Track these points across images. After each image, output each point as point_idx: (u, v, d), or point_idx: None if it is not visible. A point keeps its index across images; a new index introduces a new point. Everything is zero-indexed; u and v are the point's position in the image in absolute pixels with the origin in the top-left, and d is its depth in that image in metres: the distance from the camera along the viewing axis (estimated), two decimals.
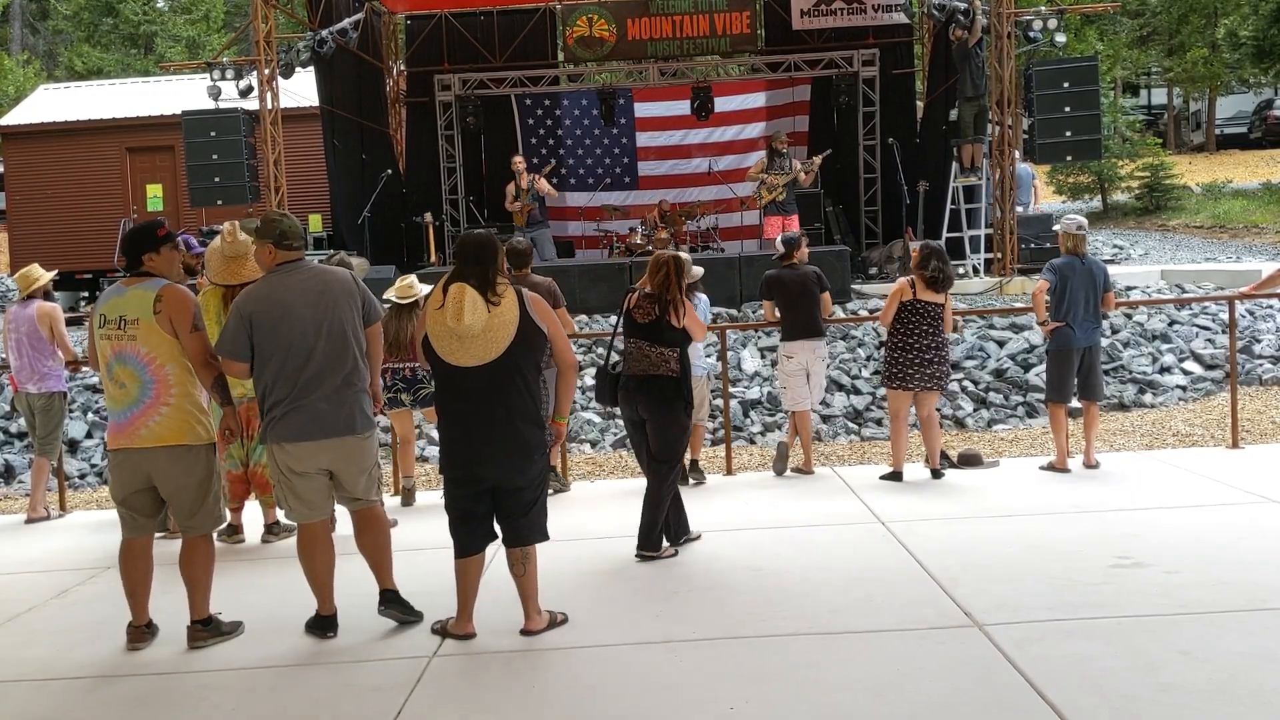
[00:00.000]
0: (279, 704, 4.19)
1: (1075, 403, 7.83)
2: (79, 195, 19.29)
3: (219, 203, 13.93)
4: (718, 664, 4.31)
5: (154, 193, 19.61)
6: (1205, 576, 5.07)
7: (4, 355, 8.08)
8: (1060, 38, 12.91)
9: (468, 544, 4.75)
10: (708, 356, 8.81)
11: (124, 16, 39.48)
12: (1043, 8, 13.08)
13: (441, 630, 4.83)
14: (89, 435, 10.71)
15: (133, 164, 19.62)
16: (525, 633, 4.74)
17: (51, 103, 20.78)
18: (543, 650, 4.58)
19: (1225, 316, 11.20)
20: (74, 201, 19.19)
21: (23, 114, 20.39)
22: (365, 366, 4.83)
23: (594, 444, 9.93)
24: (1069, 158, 13.56)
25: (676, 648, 4.50)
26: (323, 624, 4.85)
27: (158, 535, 5.08)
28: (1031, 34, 12.88)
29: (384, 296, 7.51)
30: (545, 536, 4.83)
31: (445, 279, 4.62)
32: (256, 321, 4.64)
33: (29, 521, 7.77)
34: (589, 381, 10.78)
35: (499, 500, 4.71)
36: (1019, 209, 14.50)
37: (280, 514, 6.71)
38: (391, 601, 4.92)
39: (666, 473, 5.86)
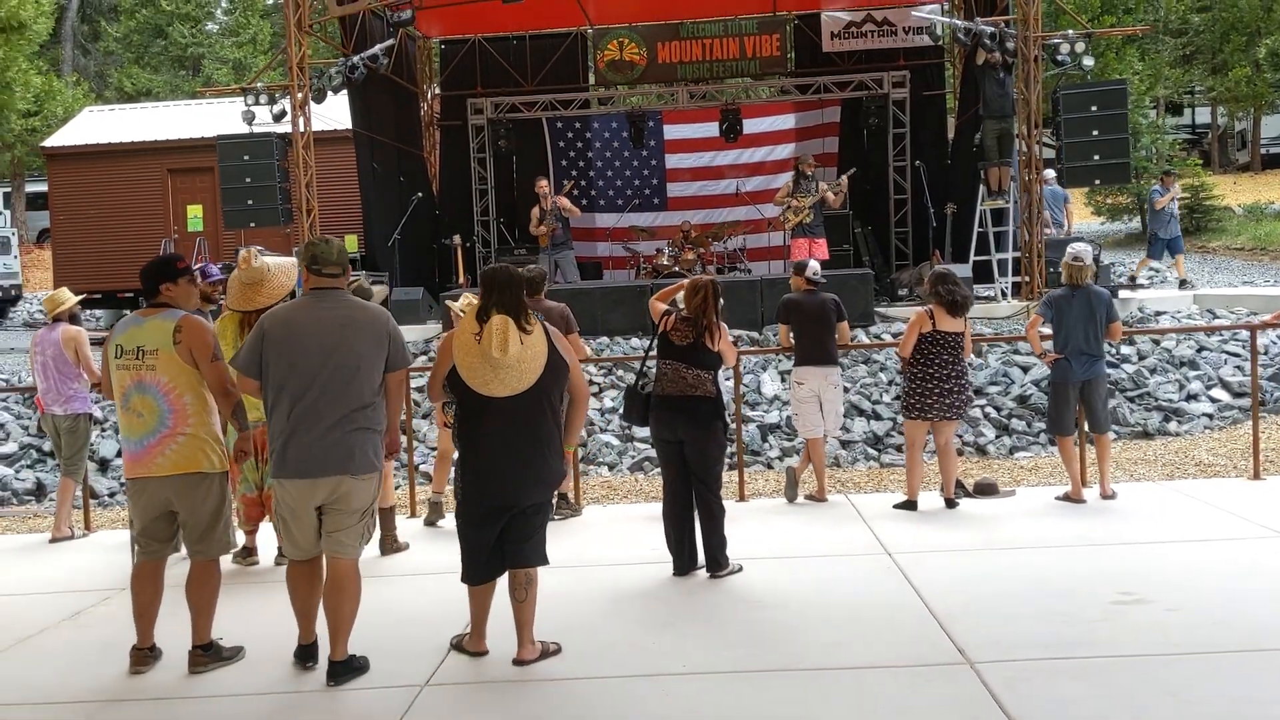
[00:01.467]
0: None
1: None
2: (121, 215, 19.63)
3: (252, 225, 14.16)
4: (703, 700, 4.33)
5: (194, 213, 19.93)
6: (1206, 615, 5.01)
7: (32, 378, 8.27)
8: (1088, 61, 12.82)
9: (482, 573, 4.84)
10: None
11: (173, 39, 40.27)
12: (1070, 31, 12.98)
13: (458, 645, 4.95)
14: (120, 454, 10.91)
15: (174, 185, 19.95)
16: (518, 662, 4.78)
17: (95, 124, 21.22)
18: (531, 681, 4.62)
19: (1257, 343, 11.05)
20: (116, 222, 19.53)
21: (67, 135, 20.83)
22: (379, 409, 4.72)
23: (611, 467, 9.96)
24: (1097, 181, 13.44)
25: (665, 682, 4.52)
26: (304, 653, 4.83)
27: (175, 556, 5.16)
28: (1059, 58, 12.79)
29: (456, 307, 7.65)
30: (545, 560, 4.93)
31: (477, 310, 4.71)
32: (269, 340, 4.65)
33: (53, 541, 7.94)
34: (608, 404, 10.85)
35: (509, 524, 4.79)
36: (1050, 231, 14.36)
37: None
38: (339, 674, 4.66)
39: (716, 491, 6.12)
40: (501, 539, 4.81)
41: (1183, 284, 15.19)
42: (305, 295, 4.83)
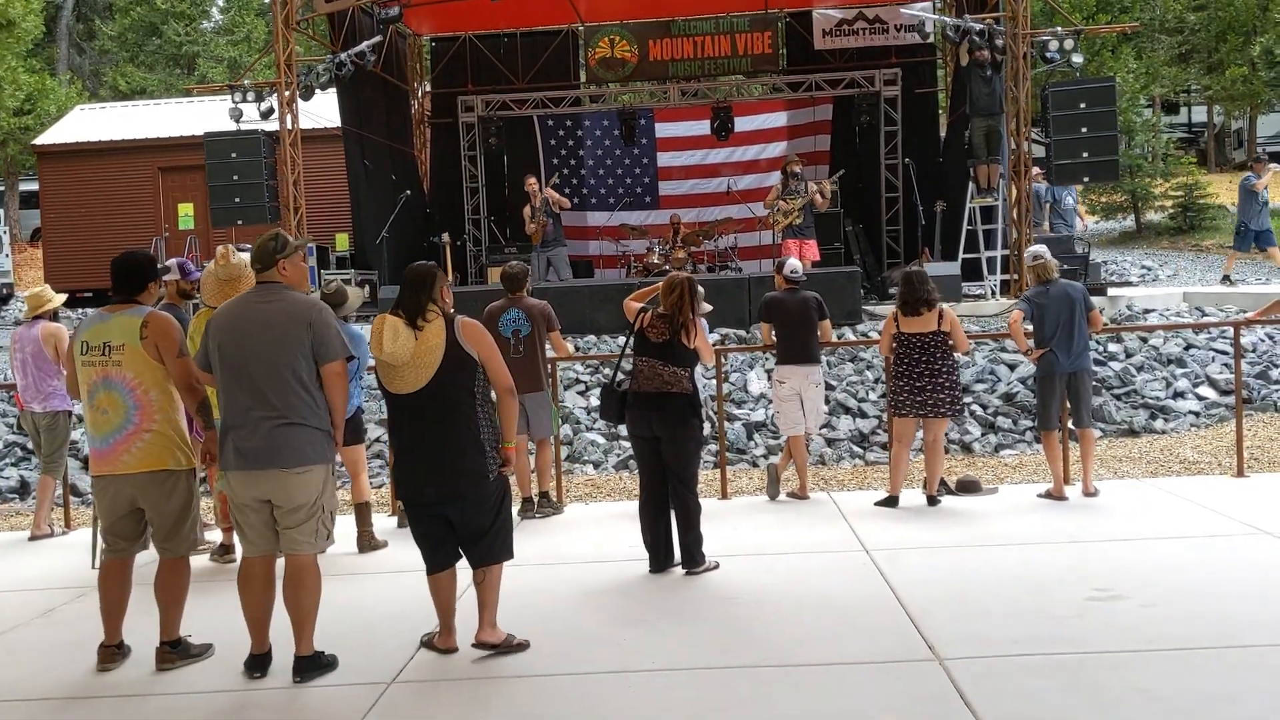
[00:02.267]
0: None
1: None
2: (112, 214, 19.63)
3: (239, 223, 14.13)
4: (669, 695, 4.30)
5: (185, 211, 19.92)
6: (1181, 610, 4.99)
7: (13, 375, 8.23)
8: (1077, 58, 12.79)
9: (432, 562, 4.88)
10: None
11: (168, 37, 40.22)
12: (1059, 28, 12.96)
13: (429, 643, 4.93)
14: None
15: (165, 183, 19.95)
16: (478, 643, 4.78)
17: (86, 122, 21.20)
18: (498, 678, 4.59)
19: (1245, 340, 11.03)
20: (107, 220, 19.53)
21: (58, 134, 20.82)
22: (314, 403, 4.63)
23: (597, 465, 9.93)
24: (1086, 179, 13.42)
25: (632, 678, 4.49)
26: (253, 663, 4.71)
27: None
28: (1048, 55, 12.77)
29: None
30: (509, 555, 4.91)
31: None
32: (213, 334, 4.66)
33: (33, 539, 7.91)
34: (594, 402, 10.81)
35: (456, 524, 4.79)
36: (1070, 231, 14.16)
37: None
38: (305, 669, 4.63)
39: (692, 488, 6.11)
40: (457, 534, 4.82)
41: None
42: (249, 290, 4.82)
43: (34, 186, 25.34)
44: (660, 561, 6.09)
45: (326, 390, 4.71)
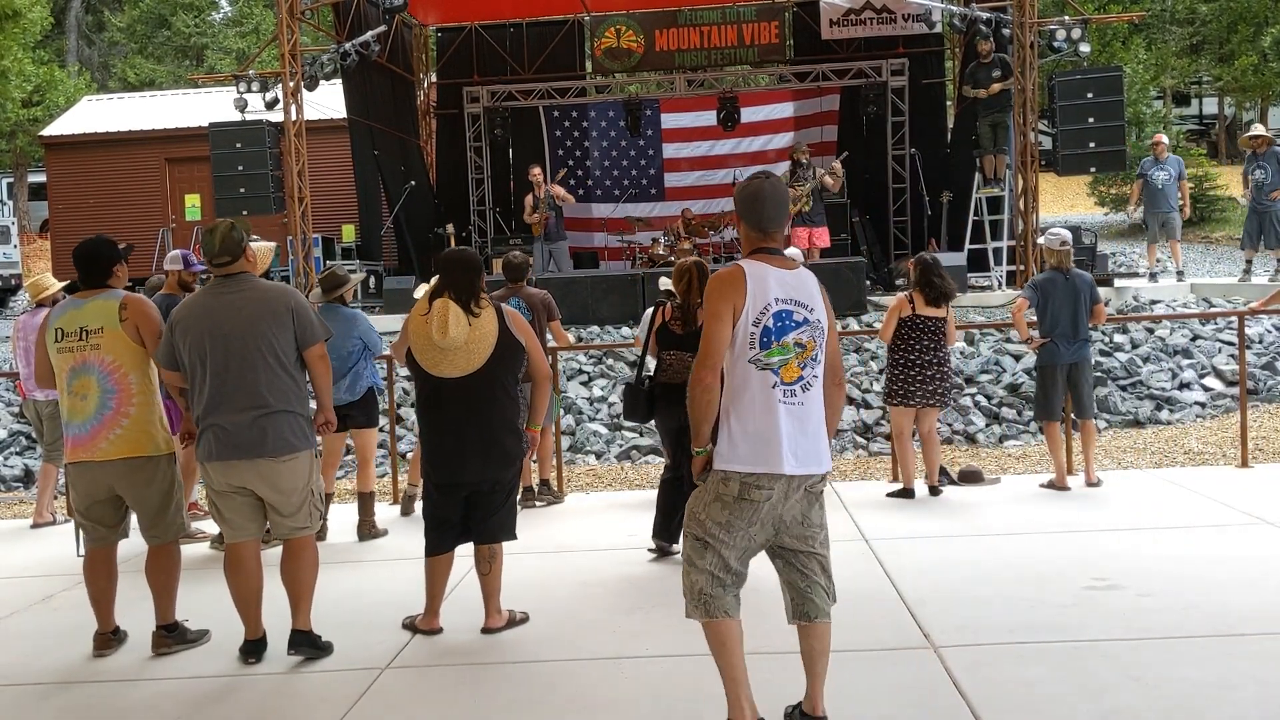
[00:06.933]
0: (222, 714, 4.23)
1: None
2: (120, 205, 19.64)
3: (244, 213, 14.08)
4: (659, 682, 4.29)
5: (192, 202, 19.93)
6: (1178, 600, 4.95)
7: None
8: (1085, 48, 12.71)
9: (438, 544, 4.95)
10: None
11: (176, 29, 40.29)
12: (1066, 17, 12.87)
13: (411, 626, 4.99)
14: None
15: (172, 174, 19.97)
16: (486, 631, 4.89)
17: (93, 114, 21.23)
18: (493, 664, 4.60)
19: (1252, 331, 10.98)
20: (115, 211, 19.53)
21: (65, 125, 20.85)
22: (296, 388, 4.64)
23: (599, 455, 9.92)
24: (1093, 169, 13.31)
25: (624, 665, 4.49)
26: (247, 649, 4.72)
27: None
28: (1055, 44, 12.68)
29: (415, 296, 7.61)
30: (513, 536, 4.99)
31: (430, 292, 4.80)
32: (178, 330, 4.63)
33: (34, 526, 7.94)
34: (597, 393, 10.80)
35: (473, 501, 4.87)
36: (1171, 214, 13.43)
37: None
38: (300, 644, 4.68)
39: None
40: (468, 515, 4.89)
41: None
42: (212, 283, 4.77)
43: (42, 178, 25.45)
44: (666, 534, 6.02)
45: (312, 374, 4.73)
